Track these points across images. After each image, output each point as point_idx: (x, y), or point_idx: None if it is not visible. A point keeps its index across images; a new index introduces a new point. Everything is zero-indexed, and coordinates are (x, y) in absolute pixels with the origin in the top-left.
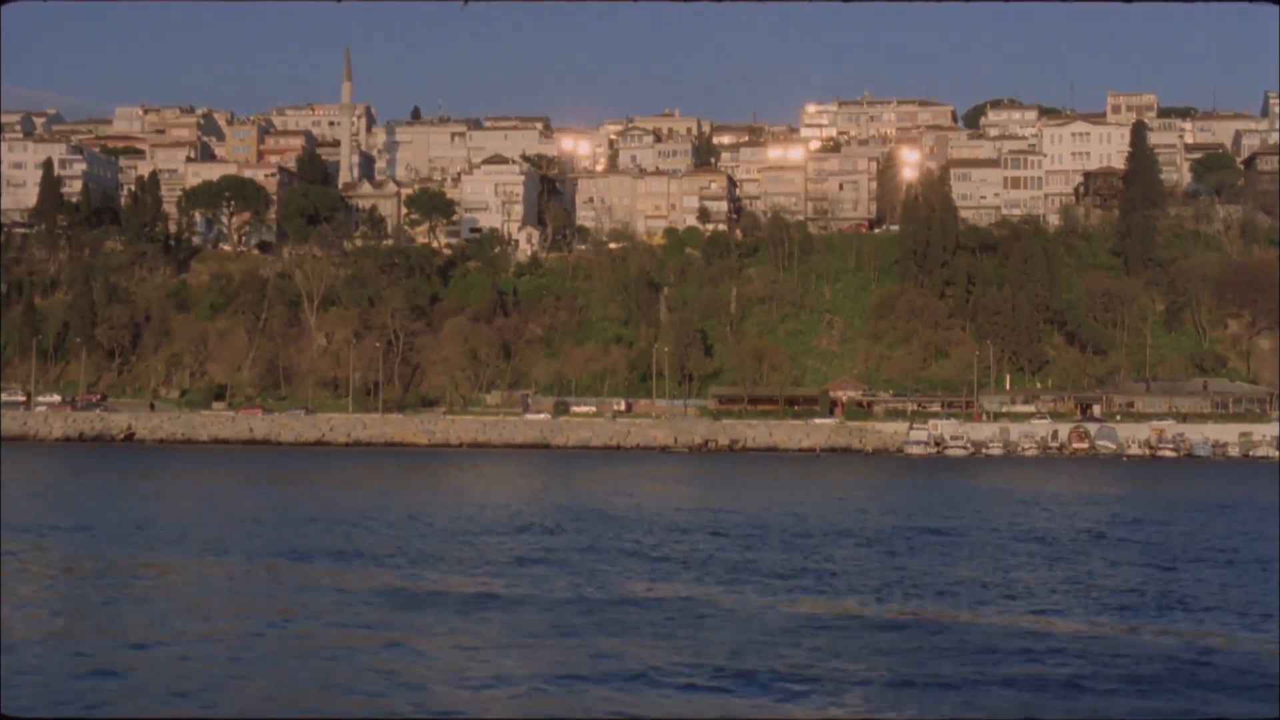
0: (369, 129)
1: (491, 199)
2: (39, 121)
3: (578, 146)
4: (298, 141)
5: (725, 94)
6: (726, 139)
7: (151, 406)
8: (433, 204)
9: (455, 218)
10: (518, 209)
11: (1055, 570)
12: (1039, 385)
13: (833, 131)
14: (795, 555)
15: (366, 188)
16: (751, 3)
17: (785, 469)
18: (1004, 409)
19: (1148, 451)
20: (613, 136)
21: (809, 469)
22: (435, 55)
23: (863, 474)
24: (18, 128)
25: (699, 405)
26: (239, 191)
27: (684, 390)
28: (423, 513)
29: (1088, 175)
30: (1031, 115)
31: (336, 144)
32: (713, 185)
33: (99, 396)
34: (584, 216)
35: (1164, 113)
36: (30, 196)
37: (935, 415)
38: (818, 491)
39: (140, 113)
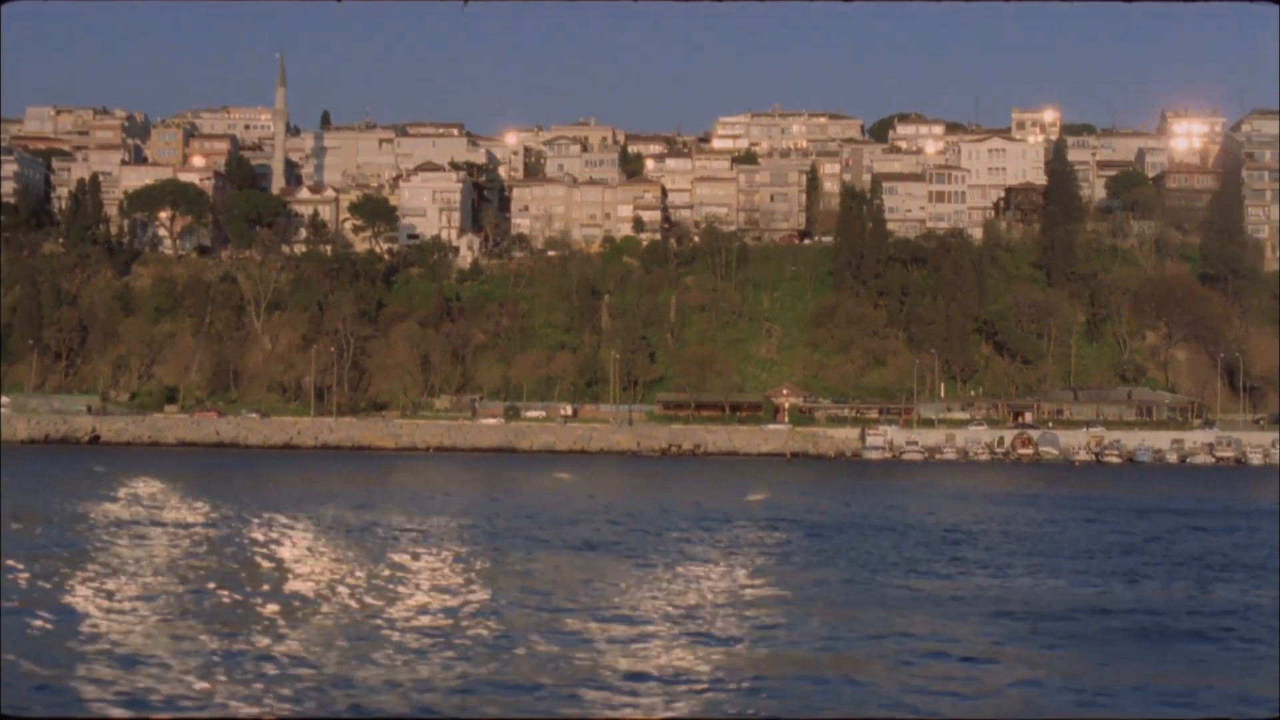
0: (284, 134)
1: (429, 206)
2: None
3: (495, 153)
4: (223, 145)
5: (636, 104)
6: (641, 149)
7: (89, 409)
8: (376, 210)
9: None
10: (456, 216)
11: None
12: (972, 393)
13: (745, 143)
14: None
15: (305, 193)
16: (661, 2)
17: (780, 473)
18: (941, 416)
19: (1093, 457)
20: (535, 145)
21: (799, 472)
22: (338, 58)
23: (868, 477)
24: None
25: (645, 411)
26: (182, 196)
27: (629, 396)
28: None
29: (1009, 190)
30: (939, 130)
31: (257, 148)
32: (646, 195)
33: None
34: (519, 224)
35: (1066, 130)
36: None
37: (875, 421)
38: (900, 494)
39: (53, 113)
